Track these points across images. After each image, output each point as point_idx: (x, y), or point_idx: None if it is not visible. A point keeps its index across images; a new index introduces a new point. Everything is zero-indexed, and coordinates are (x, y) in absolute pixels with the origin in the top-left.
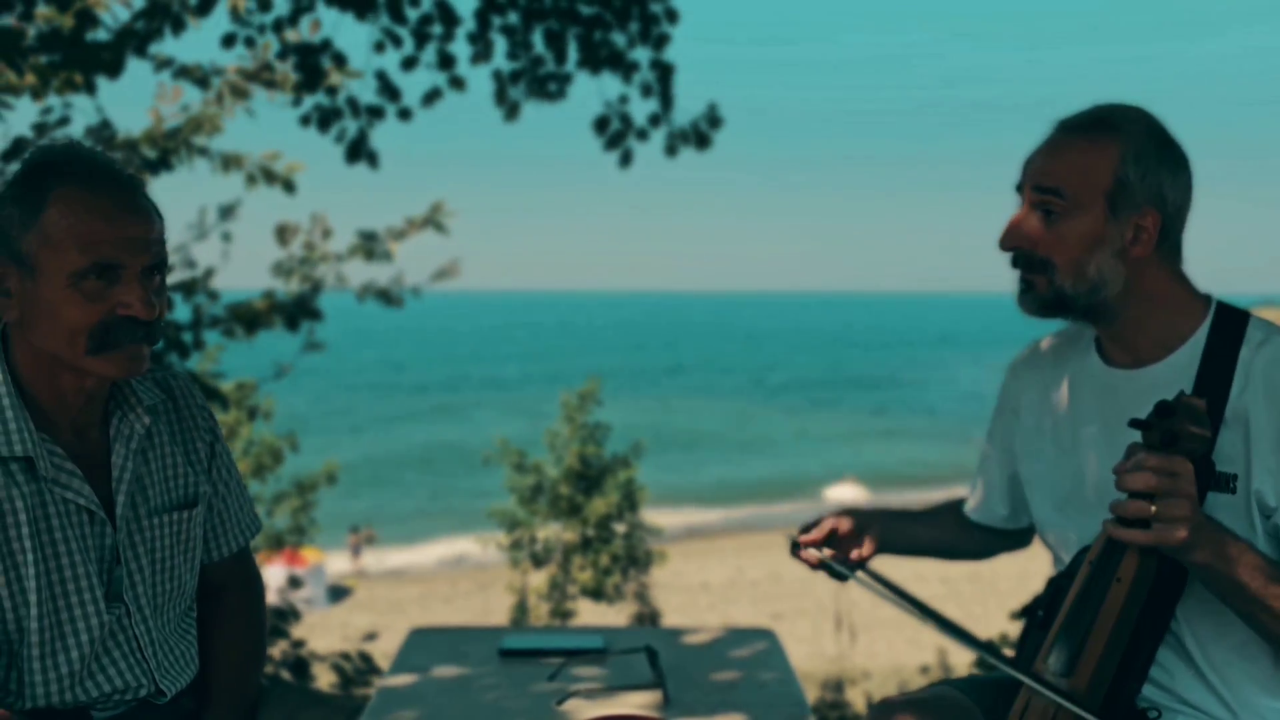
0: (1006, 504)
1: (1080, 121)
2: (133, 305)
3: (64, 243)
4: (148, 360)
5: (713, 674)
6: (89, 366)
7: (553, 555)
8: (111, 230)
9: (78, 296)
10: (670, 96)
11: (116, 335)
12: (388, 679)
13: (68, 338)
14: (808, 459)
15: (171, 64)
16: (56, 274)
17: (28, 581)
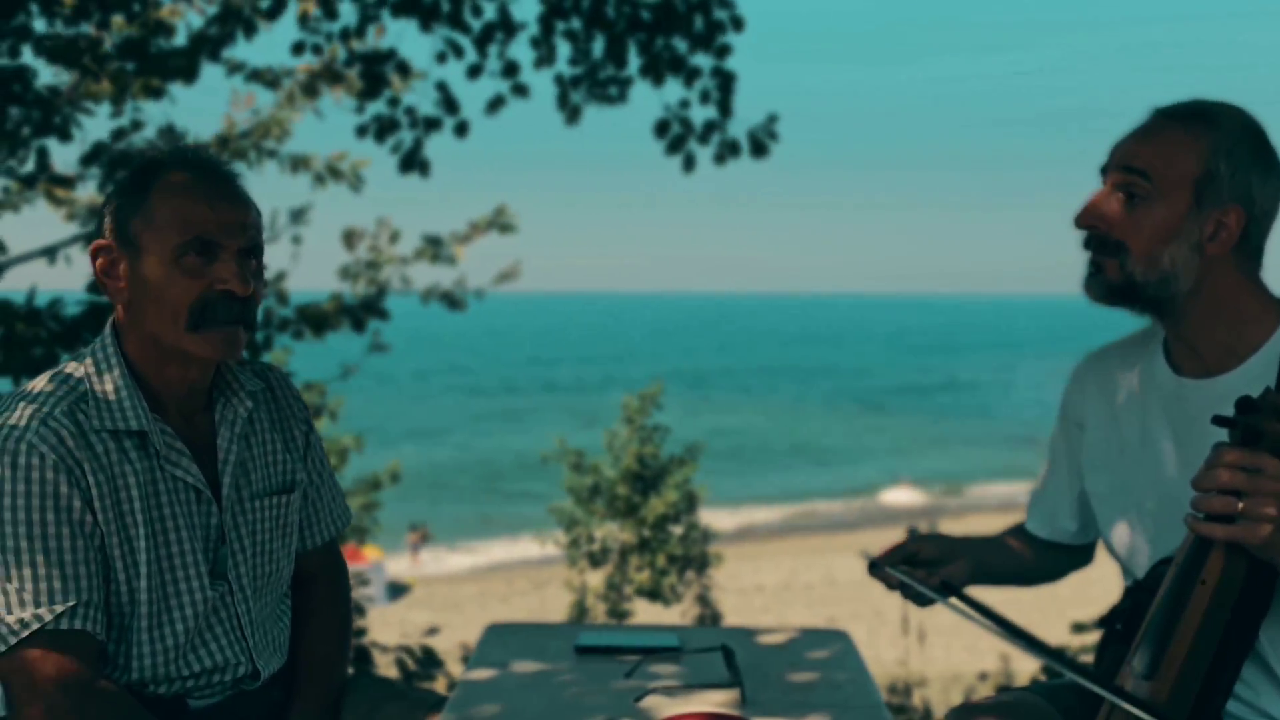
0: (1075, 519)
1: (1178, 110)
2: (230, 281)
3: (166, 223)
4: (243, 345)
5: (788, 674)
6: (189, 345)
7: (610, 555)
8: (210, 212)
9: (178, 273)
10: (729, 105)
11: (215, 311)
12: (468, 673)
13: (170, 314)
14: (863, 462)
15: (243, 68)
16: (159, 252)
17: (139, 554)
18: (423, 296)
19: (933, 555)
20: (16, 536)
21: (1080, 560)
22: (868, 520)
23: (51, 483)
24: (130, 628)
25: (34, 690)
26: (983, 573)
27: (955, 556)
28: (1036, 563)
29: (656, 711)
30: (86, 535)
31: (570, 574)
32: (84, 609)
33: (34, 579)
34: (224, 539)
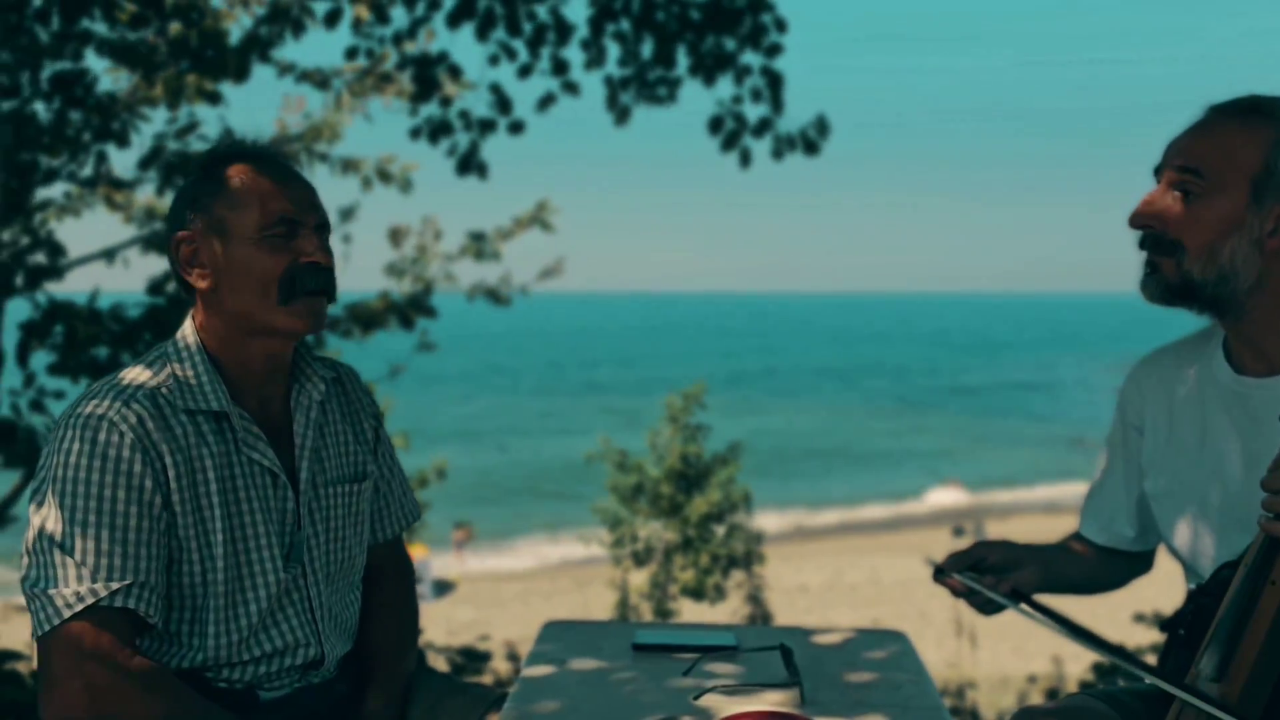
0: (1134, 524)
1: (1234, 106)
2: (313, 253)
3: (247, 202)
4: (325, 317)
5: (846, 675)
6: (277, 319)
7: (654, 554)
8: (284, 189)
9: (265, 248)
10: (780, 102)
11: (303, 282)
12: (527, 670)
13: (260, 289)
14: (907, 462)
15: (294, 69)
16: (245, 231)
17: (215, 536)
18: (468, 293)
19: (998, 562)
20: (86, 510)
21: (1139, 568)
22: (912, 521)
23: (127, 461)
24: (204, 607)
25: (73, 666)
26: (1050, 580)
27: (1022, 563)
28: (1100, 571)
29: (715, 710)
30: (154, 517)
31: (614, 573)
32: (138, 589)
33: (95, 553)
34: (299, 524)
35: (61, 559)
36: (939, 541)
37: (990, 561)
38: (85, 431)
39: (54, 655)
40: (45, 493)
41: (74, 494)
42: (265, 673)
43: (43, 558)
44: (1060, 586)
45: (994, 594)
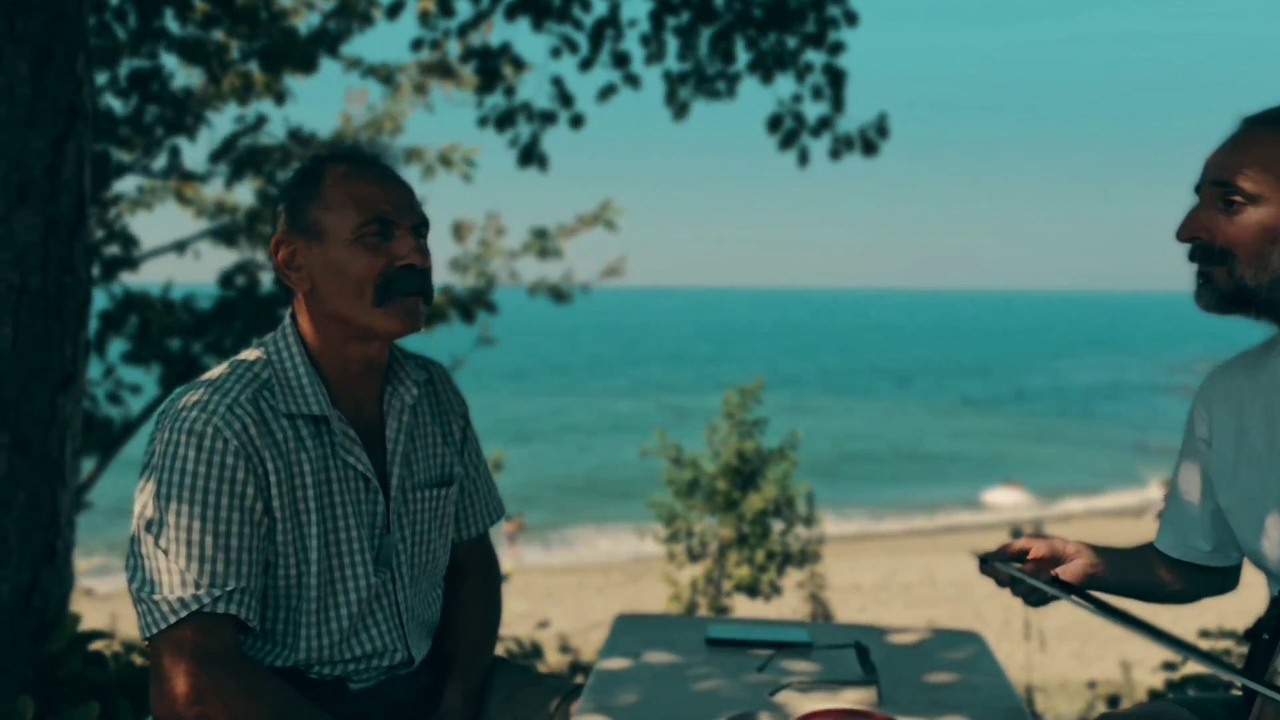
0: (1210, 539)
1: (1267, 116)
2: (409, 255)
3: (343, 205)
4: (423, 318)
5: (922, 674)
6: (374, 321)
7: (708, 550)
8: (384, 192)
9: (361, 250)
10: (841, 101)
11: (399, 284)
12: (601, 662)
13: (356, 291)
14: (963, 462)
15: (359, 64)
16: (340, 233)
17: (310, 540)
18: (530, 289)
19: (1044, 554)
20: (190, 516)
21: (1219, 584)
22: (969, 522)
23: (231, 468)
24: (298, 609)
25: (180, 667)
26: (1099, 578)
27: (1069, 558)
28: (1168, 581)
29: (791, 707)
30: (254, 523)
31: (669, 568)
32: (240, 594)
33: (200, 559)
34: (388, 527)
35: (167, 565)
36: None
37: (1035, 553)
38: (191, 437)
39: (161, 656)
40: (151, 496)
41: (179, 499)
42: (355, 670)
43: (149, 562)
44: (1112, 587)
45: (1038, 582)
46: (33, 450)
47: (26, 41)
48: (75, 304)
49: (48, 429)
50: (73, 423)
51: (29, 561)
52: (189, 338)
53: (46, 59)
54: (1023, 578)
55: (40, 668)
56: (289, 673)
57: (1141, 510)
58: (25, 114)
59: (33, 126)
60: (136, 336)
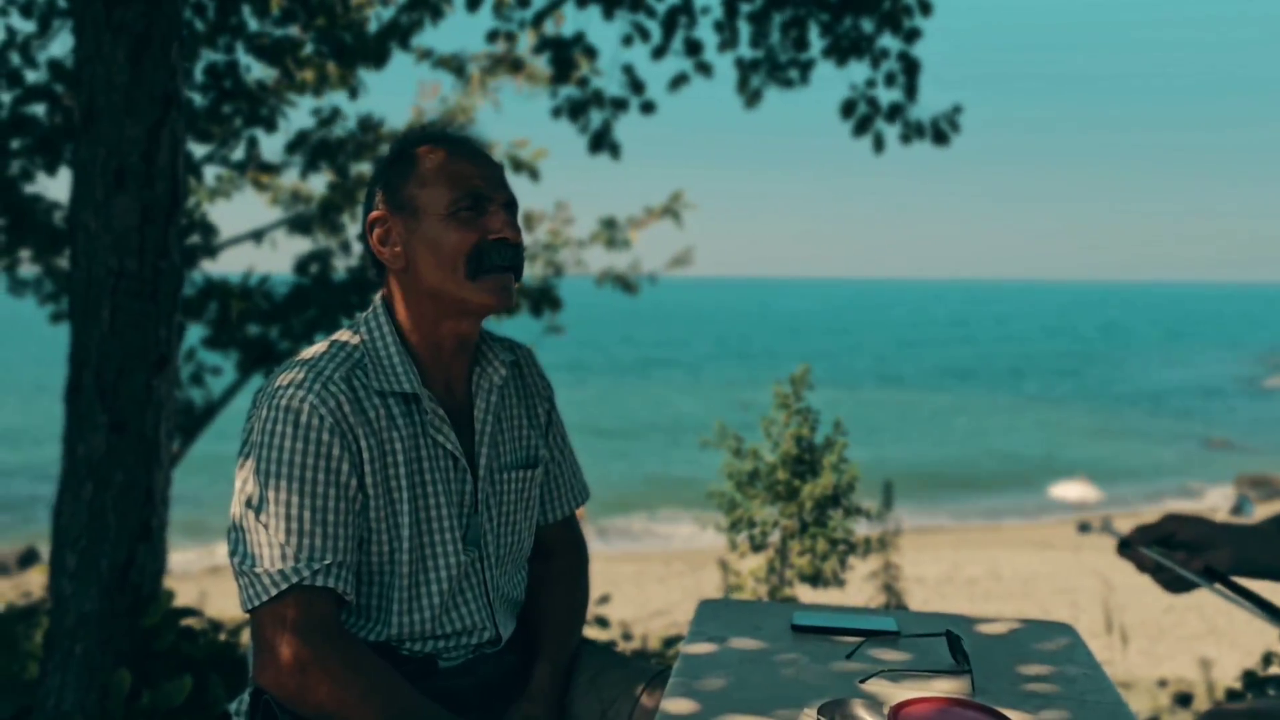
0: None
1: None
2: (501, 229)
3: (437, 181)
4: (515, 294)
5: (1016, 665)
6: (467, 294)
7: (770, 539)
8: (475, 167)
9: (454, 225)
10: (915, 89)
11: (491, 258)
12: (687, 646)
13: (450, 264)
14: (1030, 454)
15: (431, 55)
16: (435, 209)
17: (402, 518)
18: (598, 279)
19: (1190, 538)
20: (289, 491)
21: None
22: (1035, 514)
23: (326, 444)
24: (390, 586)
25: (282, 639)
26: (1247, 564)
27: (1216, 543)
28: None
29: (882, 694)
30: (349, 499)
31: (726, 557)
32: (337, 569)
33: (299, 534)
34: (476, 507)
35: (267, 539)
36: (1063, 537)
37: (1180, 536)
38: (288, 414)
39: (263, 629)
40: (250, 472)
41: (277, 475)
42: (444, 647)
43: (250, 536)
44: (1259, 571)
45: (1186, 571)
46: (130, 430)
47: (124, 30)
48: (169, 288)
49: (144, 410)
50: (167, 404)
51: (126, 538)
52: (265, 323)
53: (143, 48)
54: (1170, 565)
55: (136, 641)
56: (380, 648)
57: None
58: (123, 102)
59: (130, 114)
60: (215, 322)
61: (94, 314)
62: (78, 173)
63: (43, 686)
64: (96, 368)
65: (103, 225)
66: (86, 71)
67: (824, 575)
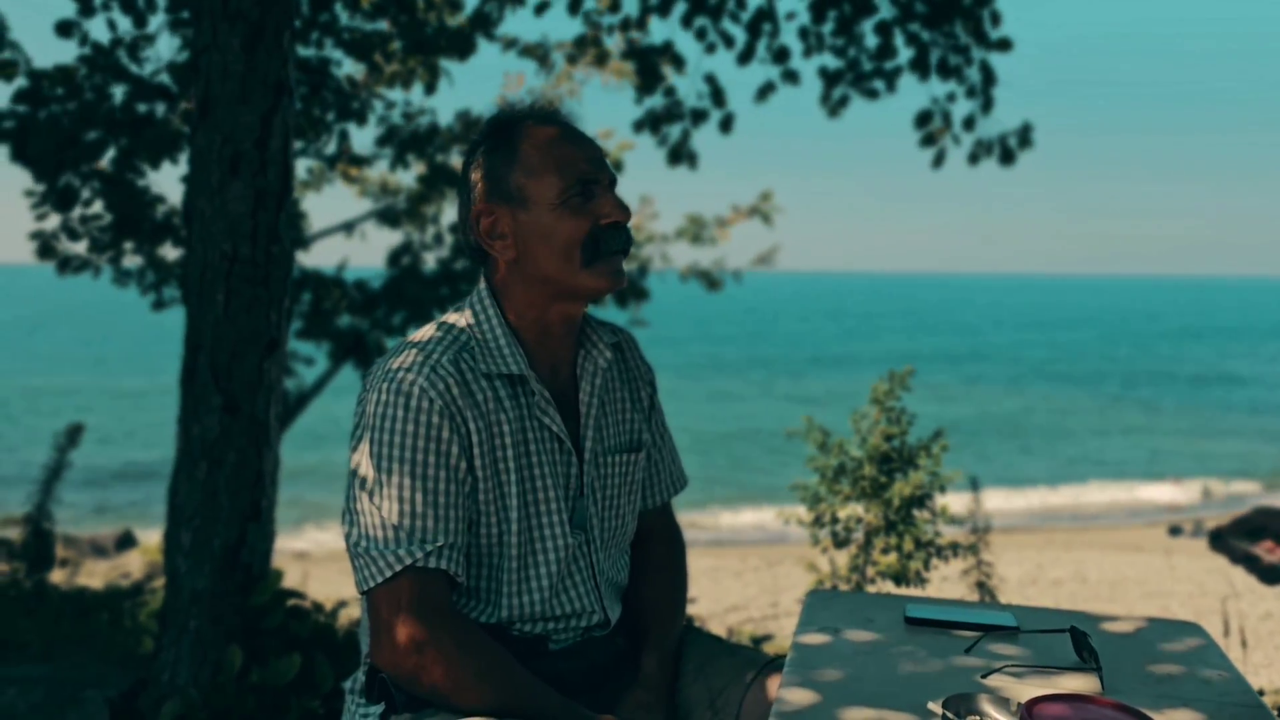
0: None
1: None
2: (613, 213)
3: (546, 170)
4: (625, 275)
5: (1145, 664)
6: (583, 281)
7: (853, 536)
8: (579, 151)
9: (566, 213)
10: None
11: (607, 243)
12: (800, 636)
13: (565, 253)
14: (1118, 454)
15: (515, 44)
16: (545, 199)
17: (510, 500)
18: (682, 275)
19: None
20: (400, 474)
21: None
22: (1122, 516)
23: (436, 427)
24: (500, 568)
25: (398, 620)
26: None
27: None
28: None
29: (1007, 690)
30: (459, 481)
31: (811, 553)
32: (449, 550)
33: (411, 515)
34: (581, 491)
35: (381, 521)
36: (1153, 540)
37: (1273, 528)
38: (399, 397)
39: (378, 610)
40: (364, 455)
41: (390, 457)
42: (554, 629)
43: (364, 518)
44: None
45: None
46: (242, 412)
47: (240, 19)
48: (281, 273)
49: (255, 392)
50: (276, 387)
51: (237, 518)
52: (357, 315)
53: (257, 36)
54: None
55: (246, 619)
56: (491, 630)
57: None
58: (238, 90)
59: (244, 102)
60: (309, 314)
61: (209, 298)
62: (194, 160)
63: (158, 661)
64: (211, 351)
65: (217, 211)
66: (204, 61)
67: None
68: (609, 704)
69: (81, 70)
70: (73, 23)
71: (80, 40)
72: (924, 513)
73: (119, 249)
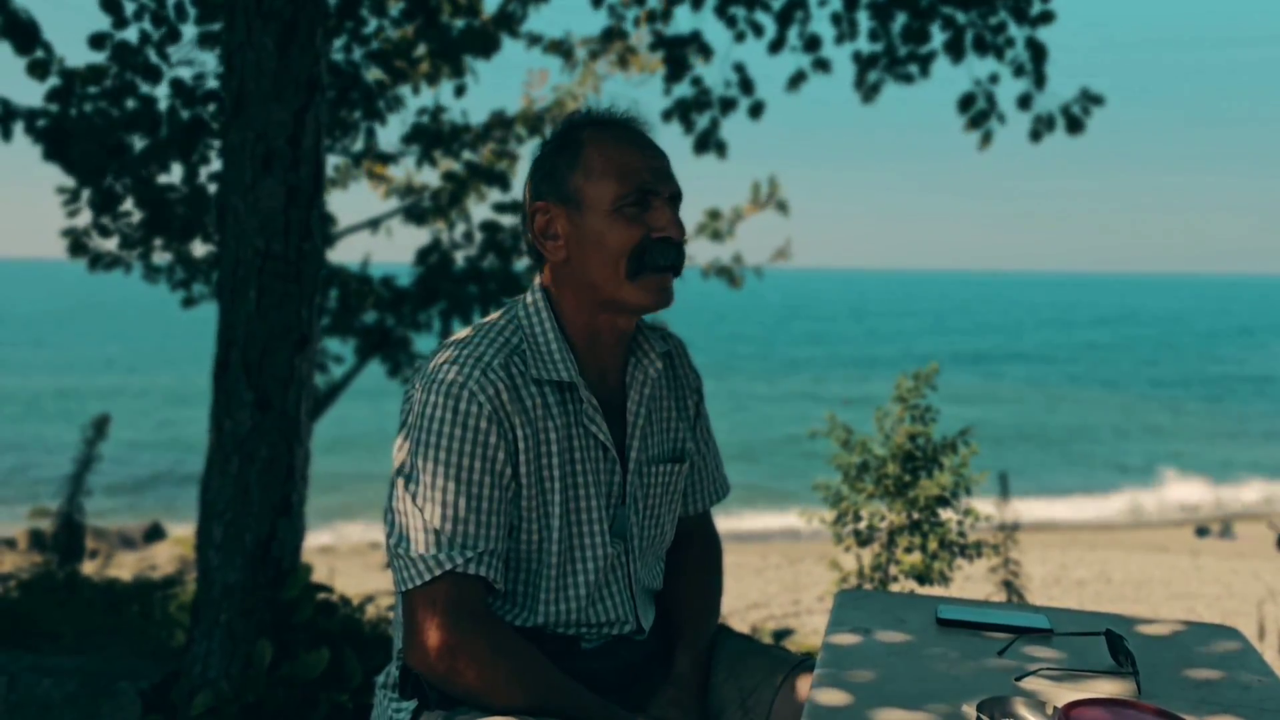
0: None
1: None
2: (666, 228)
3: (605, 174)
4: (673, 293)
5: (1182, 669)
6: (625, 294)
7: (877, 535)
8: (643, 160)
9: (620, 221)
10: (1043, 77)
11: (653, 257)
12: (830, 636)
13: (612, 262)
14: (1144, 454)
15: (540, 40)
16: (600, 203)
17: (553, 508)
18: (704, 271)
19: None
20: (445, 477)
21: None
22: (1148, 517)
23: (484, 432)
24: (538, 574)
25: (433, 623)
26: None
27: None
28: None
29: (1043, 694)
30: (503, 487)
31: (827, 550)
32: (488, 557)
33: (453, 520)
34: (624, 500)
35: (423, 523)
36: (1179, 541)
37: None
38: (448, 400)
39: (414, 612)
40: (408, 455)
41: (434, 460)
42: (587, 633)
43: (405, 519)
44: None
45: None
46: (273, 408)
47: (273, 17)
48: (312, 269)
49: (286, 387)
50: (307, 382)
51: (269, 512)
52: (384, 312)
53: (290, 34)
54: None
55: (276, 614)
56: (525, 633)
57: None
58: (271, 87)
59: (277, 99)
60: (335, 311)
61: (241, 294)
62: (227, 156)
63: (189, 653)
64: (243, 346)
65: (250, 207)
66: (237, 58)
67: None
68: (640, 703)
69: (112, 69)
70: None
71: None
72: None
73: (149, 246)
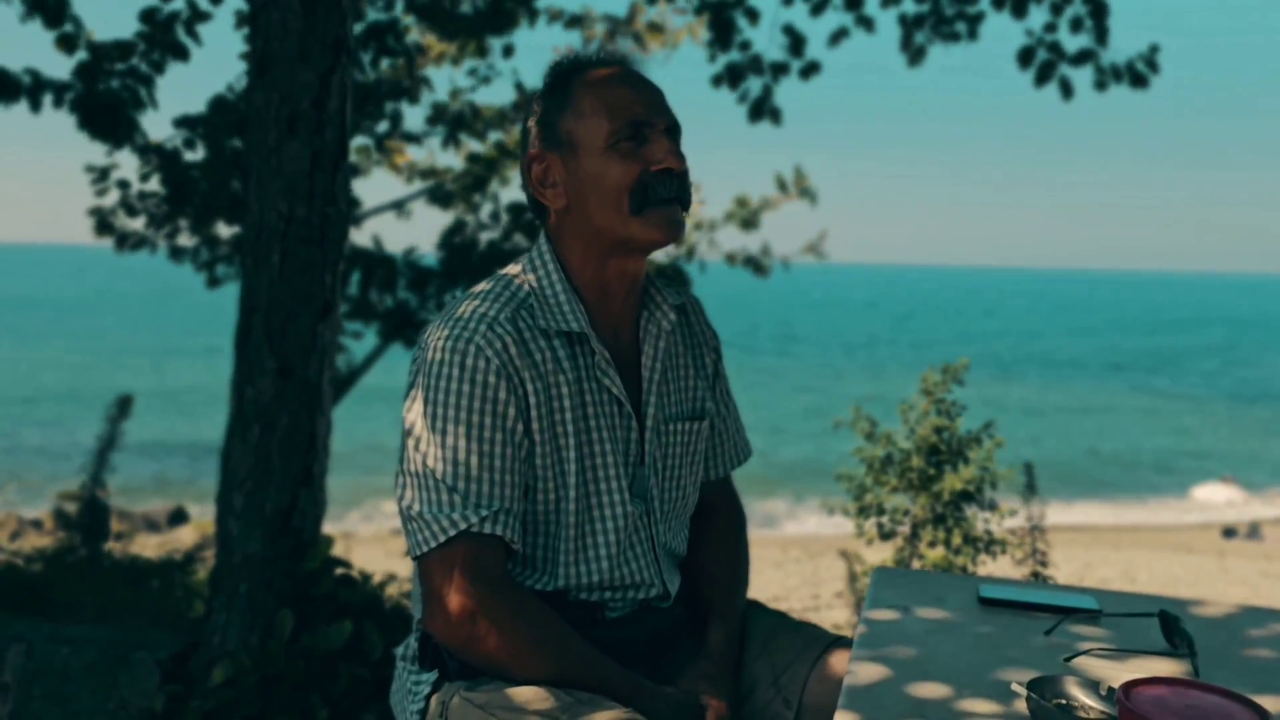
0: None
1: None
2: (664, 159)
3: (596, 113)
4: (683, 226)
5: (1239, 651)
6: (633, 231)
7: (900, 528)
8: (634, 94)
9: (615, 158)
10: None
11: (655, 190)
12: (868, 613)
13: (614, 201)
14: (1173, 454)
15: (561, 16)
16: (594, 143)
17: (568, 465)
18: (728, 260)
19: None
20: (456, 435)
21: None
22: (1176, 518)
23: (493, 387)
24: (557, 536)
25: (451, 586)
26: None
27: None
28: None
29: (1094, 673)
30: (516, 444)
31: (848, 544)
32: (504, 515)
33: (465, 478)
34: (642, 459)
35: (435, 484)
36: (1206, 543)
37: None
38: (454, 355)
39: (431, 576)
40: (418, 414)
41: (445, 418)
42: (611, 598)
43: (417, 480)
44: None
45: None
46: (295, 375)
47: None
48: (336, 235)
49: (308, 355)
50: (330, 351)
51: (289, 482)
52: (408, 291)
53: None
54: None
55: (296, 585)
56: (547, 597)
57: None
58: (296, 49)
59: (303, 61)
60: (357, 297)
61: (264, 259)
62: (251, 119)
63: (209, 623)
64: (265, 313)
65: (274, 171)
66: (262, 18)
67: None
68: (669, 675)
69: (140, 46)
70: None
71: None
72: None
73: (175, 225)
